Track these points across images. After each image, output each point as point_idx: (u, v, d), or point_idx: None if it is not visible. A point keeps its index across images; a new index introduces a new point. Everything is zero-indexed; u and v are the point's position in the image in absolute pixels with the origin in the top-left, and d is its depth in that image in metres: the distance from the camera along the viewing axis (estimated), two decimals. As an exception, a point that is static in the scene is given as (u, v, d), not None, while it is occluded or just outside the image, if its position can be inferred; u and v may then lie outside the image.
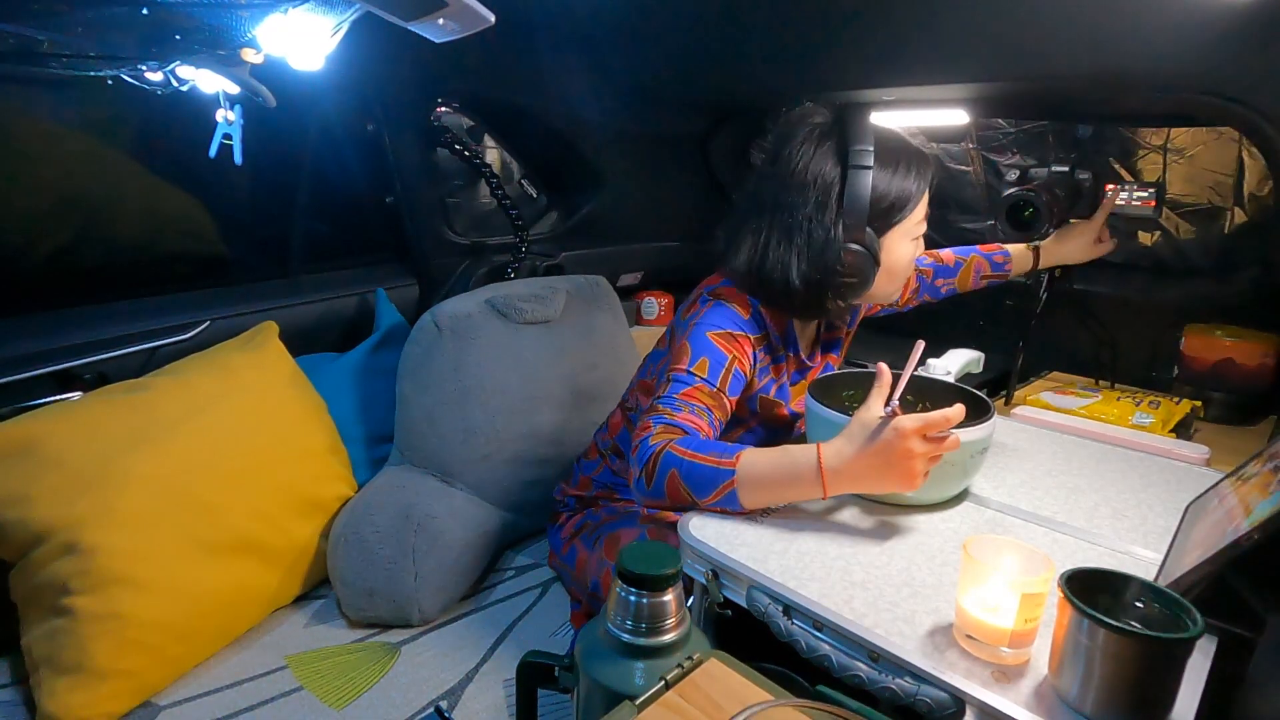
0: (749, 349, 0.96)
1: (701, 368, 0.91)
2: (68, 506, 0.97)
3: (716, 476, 0.80)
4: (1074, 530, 0.81)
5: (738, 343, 0.94)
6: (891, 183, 0.93)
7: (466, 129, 1.91)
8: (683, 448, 0.81)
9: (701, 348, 0.92)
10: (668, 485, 0.82)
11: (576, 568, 1.12)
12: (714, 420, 0.90)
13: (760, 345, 0.98)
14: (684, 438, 0.83)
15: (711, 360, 0.91)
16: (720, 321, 0.95)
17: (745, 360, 0.95)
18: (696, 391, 0.89)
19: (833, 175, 0.93)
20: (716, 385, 0.91)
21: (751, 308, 0.98)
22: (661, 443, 0.83)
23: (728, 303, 0.97)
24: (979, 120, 1.68)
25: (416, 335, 1.40)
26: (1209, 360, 1.31)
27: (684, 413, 0.87)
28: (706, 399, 0.90)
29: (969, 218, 1.84)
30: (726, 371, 0.92)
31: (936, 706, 0.57)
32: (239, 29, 0.97)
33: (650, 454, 0.83)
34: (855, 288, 0.95)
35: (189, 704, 0.99)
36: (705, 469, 0.80)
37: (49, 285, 1.31)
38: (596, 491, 1.17)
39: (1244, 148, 1.38)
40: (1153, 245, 1.58)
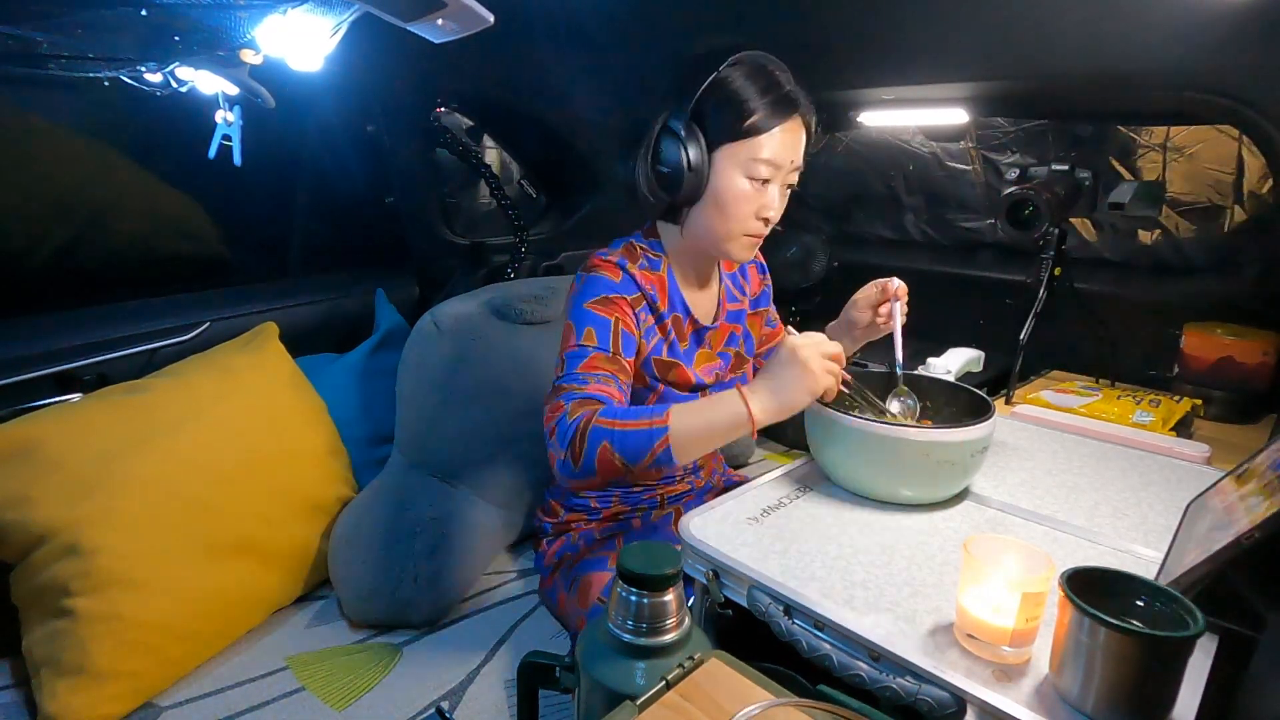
0: (628, 309, 0.96)
1: (589, 337, 0.91)
2: (68, 508, 0.97)
3: (650, 437, 0.80)
4: (1074, 529, 0.81)
5: (615, 304, 0.95)
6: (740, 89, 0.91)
7: (466, 129, 1.91)
8: (608, 418, 0.82)
9: (584, 319, 0.93)
10: (599, 460, 0.81)
11: (559, 605, 1.12)
12: (621, 384, 0.91)
13: (639, 305, 0.98)
14: (604, 408, 0.83)
15: (596, 328, 0.92)
16: (592, 291, 0.95)
17: (628, 319, 0.95)
18: (593, 360, 0.90)
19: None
20: (610, 349, 0.92)
21: (621, 270, 0.98)
22: (583, 415, 0.82)
23: (596, 271, 0.97)
24: (978, 119, 1.68)
25: (416, 336, 1.40)
26: (1209, 358, 1.31)
27: (591, 384, 0.88)
28: (606, 364, 0.90)
29: (968, 216, 1.84)
30: (614, 334, 0.93)
31: (937, 706, 0.57)
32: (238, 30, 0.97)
33: (573, 431, 0.82)
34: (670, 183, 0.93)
35: (190, 705, 0.99)
36: (637, 434, 0.80)
37: (49, 286, 1.31)
38: (568, 515, 1.16)
39: (1244, 146, 1.38)
40: (1153, 244, 1.58)
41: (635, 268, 0.99)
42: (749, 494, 0.89)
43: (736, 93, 0.90)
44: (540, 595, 1.21)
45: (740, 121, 0.90)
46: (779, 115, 0.91)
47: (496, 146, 2.02)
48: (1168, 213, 1.52)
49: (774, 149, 0.92)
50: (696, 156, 0.91)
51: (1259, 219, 1.43)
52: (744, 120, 0.90)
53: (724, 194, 0.93)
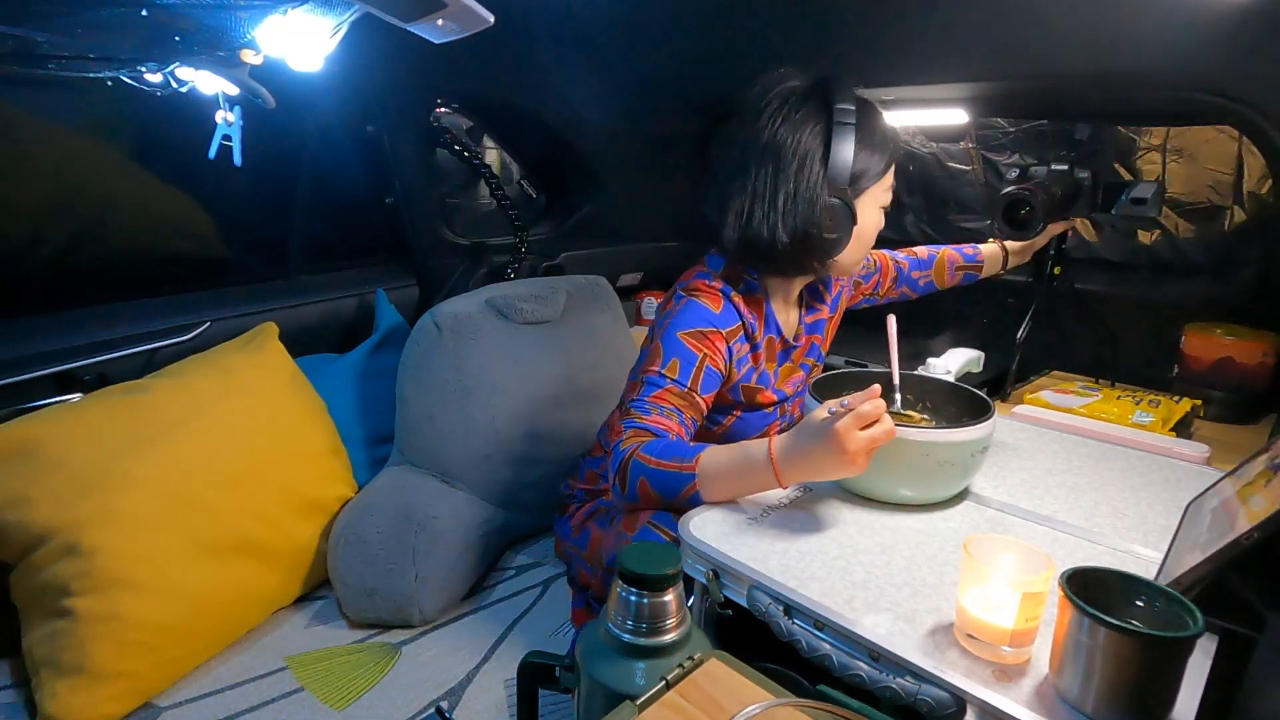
0: (721, 345, 0.97)
1: (672, 369, 0.93)
2: (68, 508, 0.97)
3: (679, 481, 0.84)
4: (1074, 529, 0.81)
5: (709, 340, 0.96)
6: (865, 147, 0.95)
7: (466, 129, 1.91)
8: (647, 455, 0.85)
9: (672, 349, 0.94)
10: (640, 492, 0.86)
11: (590, 548, 1.10)
12: (684, 420, 0.92)
13: (735, 337, 0.99)
14: (650, 442, 0.86)
15: (682, 361, 0.93)
16: (691, 320, 0.96)
17: (718, 357, 0.96)
18: (666, 393, 0.92)
19: (817, 134, 0.94)
20: (687, 386, 0.93)
21: (724, 300, 0.99)
22: (630, 449, 0.86)
23: (700, 298, 0.98)
24: (978, 119, 1.68)
25: (417, 336, 1.40)
26: (1209, 359, 1.31)
27: (654, 415, 0.90)
28: (677, 400, 0.92)
29: (968, 217, 1.84)
30: (698, 370, 0.94)
31: (937, 706, 0.57)
32: (238, 30, 0.97)
33: (620, 461, 0.87)
34: (834, 244, 0.96)
35: (190, 705, 0.99)
36: (668, 475, 0.84)
37: (49, 287, 1.31)
38: (604, 485, 1.17)
39: (1244, 146, 1.38)
40: (1152, 244, 1.58)
41: (737, 295, 1.01)
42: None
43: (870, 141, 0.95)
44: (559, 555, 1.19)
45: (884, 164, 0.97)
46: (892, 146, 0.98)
47: (496, 146, 2.02)
48: (1167, 213, 1.52)
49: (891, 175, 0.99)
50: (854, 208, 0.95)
51: (1259, 219, 1.43)
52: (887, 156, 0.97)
53: (865, 230, 0.99)
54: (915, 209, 1.93)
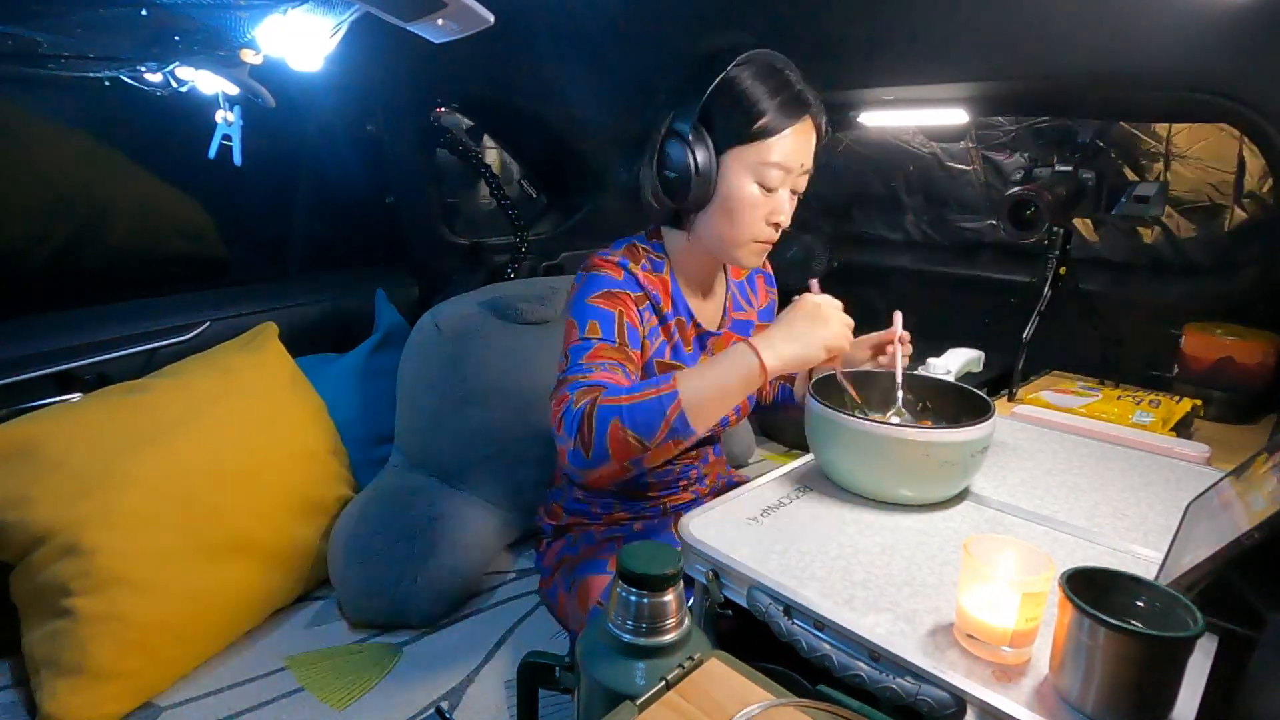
0: (632, 304, 0.93)
1: (593, 330, 0.89)
2: (68, 508, 0.97)
3: (660, 404, 0.77)
4: (1074, 529, 0.81)
5: (618, 298, 0.92)
6: (748, 90, 0.87)
7: (465, 129, 1.91)
8: (613, 395, 0.79)
9: (586, 313, 0.90)
10: (611, 440, 0.77)
11: (559, 607, 1.11)
12: (628, 372, 0.88)
13: (642, 304, 0.96)
14: (608, 389, 0.81)
15: (600, 320, 0.90)
16: (594, 287, 0.93)
17: (632, 313, 0.93)
18: (598, 350, 0.87)
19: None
20: (615, 340, 0.89)
21: (624, 270, 0.95)
22: (588, 402, 0.79)
23: (598, 270, 0.95)
24: (979, 119, 1.68)
25: (417, 336, 1.40)
26: (1209, 359, 1.31)
27: (597, 373, 0.85)
28: (612, 353, 0.87)
29: (969, 217, 1.84)
30: (619, 326, 0.90)
31: (937, 706, 0.57)
32: (238, 30, 0.97)
33: (579, 417, 0.78)
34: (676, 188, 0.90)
35: (190, 705, 0.99)
36: (645, 404, 0.77)
37: (49, 286, 1.31)
38: (569, 519, 1.15)
39: (1244, 145, 1.38)
40: (1153, 243, 1.58)
41: (637, 268, 0.97)
42: (749, 494, 0.89)
43: (745, 93, 0.87)
44: (540, 595, 1.21)
45: (750, 123, 0.87)
46: (790, 116, 0.88)
47: (496, 146, 2.02)
48: (1169, 212, 1.52)
49: (784, 152, 0.89)
50: (704, 160, 0.88)
51: (1259, 219, 1.43)
52: (754, 122, 0.87)
53: (733, 199, 0.90)
54: (916, 209, 1.93)
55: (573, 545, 1.12)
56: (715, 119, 0.89)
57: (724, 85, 0.88)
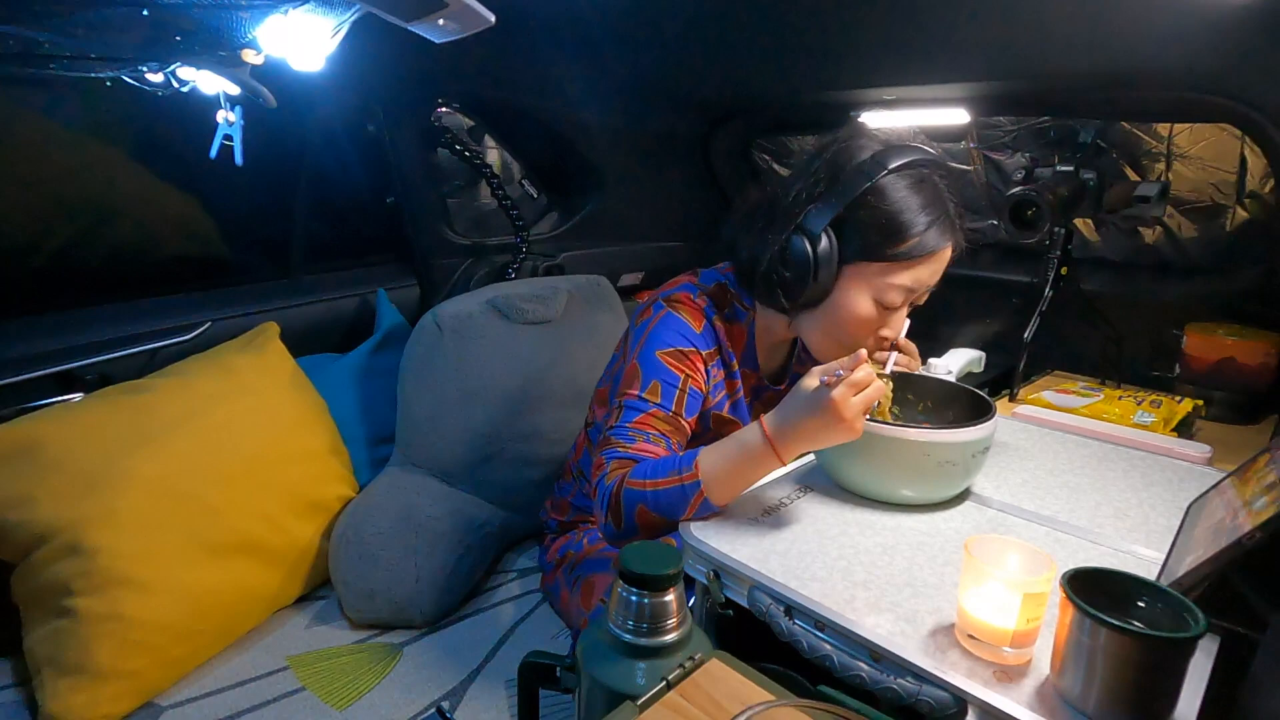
0: (701, 365, 0.91)
1: (654, 392, 0.87)
2: (70, 508, 0.97)
3: (684, 493, 0.78)
4: (1076, 530, 0.81)
5: (689, 360, 0.90)
6: (899, 206, 0.81)
7: (466, 129, 1.91)
8: (637, 479, 0.79)
9: (652, 370, 0.88)
10: (639, 521, 0.79)
11: (561, 602, 1.12)
12: (671, 445, 0.87)
13: (713, 360, 0.94)
14: (634, 468, 0.81)
15: (664, 383, 0.87)
16: (670, 338, 0.89)
17: (699, 377, 0.90)
18: (650, 418, 0.86)
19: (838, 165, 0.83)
20: (671, 409, 0.87)
21: (705, 319, 0.92)
22: (616, 480, 0.81)
23: (679, 312, 0.91)
24: (979, 119, 1.68)
25: (418, 336, 1.40)
26: (1211, 359, 1.30)
27: (638, 443, 0.84)
28: (661, 425, 0.86)
29: (969, 217, 1.84)
30: (681, 392, 0.88)
31: (938, 706, 0.57)
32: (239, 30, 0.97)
33: (609, 495, 0.80)
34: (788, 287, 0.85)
35: (191, 705, 0.99)
36: (670, 491, 0.78)
37: (50, 286, 1.31)
38: (575, 515, 1.16)
39: (1245, 145, 1.38)
40: (1154, 243, 1.57)
41: (720, 318, 0.93)
42: (749, 494, 0.89)
43: (896, 211, 0.80)
44: (542, 590, 1.21)
45: (890, 244, 0.81)
46: (937, 241, 0.81)
47: (497, 146, 2.02)
48: (1170, 212, 1.51)
49: (918, 277, 0.82)
50: (826, 273, 0.82)
51: (1261, 219, 1.42)
52: (896, 244, 0.80)
53: (846, 313, 0.85)
54: (916, 209, 1.93)
55: (576, 542, 1.12)
56: (853, 225, 0.82)
57: (874, 190, 0.80)
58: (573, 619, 1.07)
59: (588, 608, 1.01)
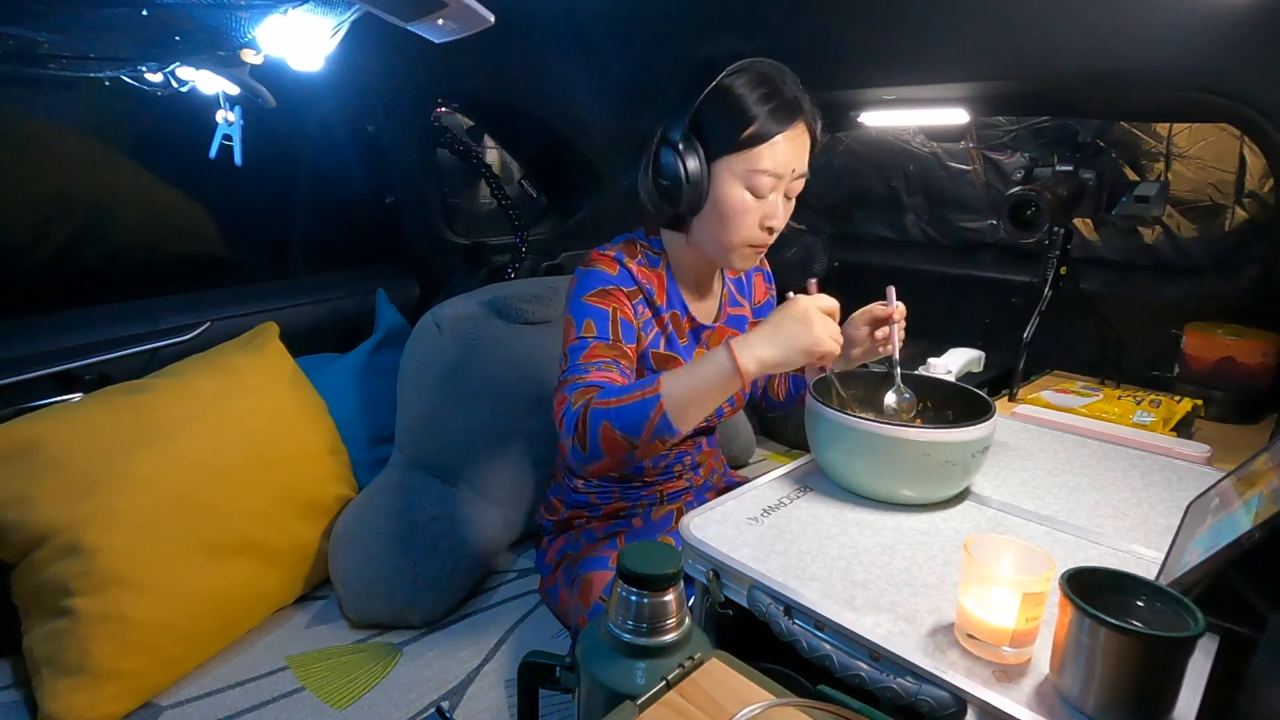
0: (625, 300, 0.96)
1: (589, 329, 0.92)
2: (69, 508, 0.97)
3: (644, 407, 0.80)
4: (1075, 529, 0.81)
5: (612, 296, 0.95)
6: (739, 98, 0.88)
7: (466, 129, 1.91)
8: (603, 399, 0.82)
9: (581, 312, 0.94)
10: (603, 441, 0.81)
11: (560, 603, 1.12)
12: (623, 369, 0.91)
13: (635, 298, 0.98)
14: (602, 391, 0.84)
15: (595, 319, 0.93)
16: (589, 284, 0.96)
17: (625, 308, 0.95)
18: (594, 349, 0.91)
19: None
20: (610, 337, 0.92)
21: (618, 264, 0.98)
22: (582, 404, 0.83)
23: (593, 265, 0.98)
24: (979, 119, 1.68)
25: (417, 336, 1.40)
26: (1210, 359, 1.31)
27: (593, 372, 0.88)
28: (607, 351, 0.91)
29: (969, 217, 1.84)
30: (613, 323, 0.93)
31: (938, 706, 0.57)
32: (239, 30, 0.97)
33: (576, 418, 0.83)
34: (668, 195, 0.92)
35: (190, 705, 0.99)
36: (631, 407, 0.80)
37: (50, 286, 1.31)
38: (569, 513, 1.16)
39: (1245, 145, 1.38)
40: (1154, 243, 1.57)
41: (633, 263, 0.99)
42: (749, 494, 0.89)
43: (736, 102, 0.88)
44: (541, 593, 1.21)
45: (739, 132, 0.88)
46: (779, 123, 0.88)
47: (497, 146, 2.02)
48: (1169, 212, 1.52)
49: (775, 159, 0.89)
50: (695, 169, 0.89)
51: (1260, 219, 1.42)
52: (743, 131, 0.88)
53: (725, 206, 0.91)
54: (916, 209, 1.93)
55: (574, 542, 1.13)
56: (706, 127, 0.90)
57: (715, 93, 0.88)
58: (572, 618, 1.08)
59: (586, 605, 1.01)
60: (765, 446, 1.91)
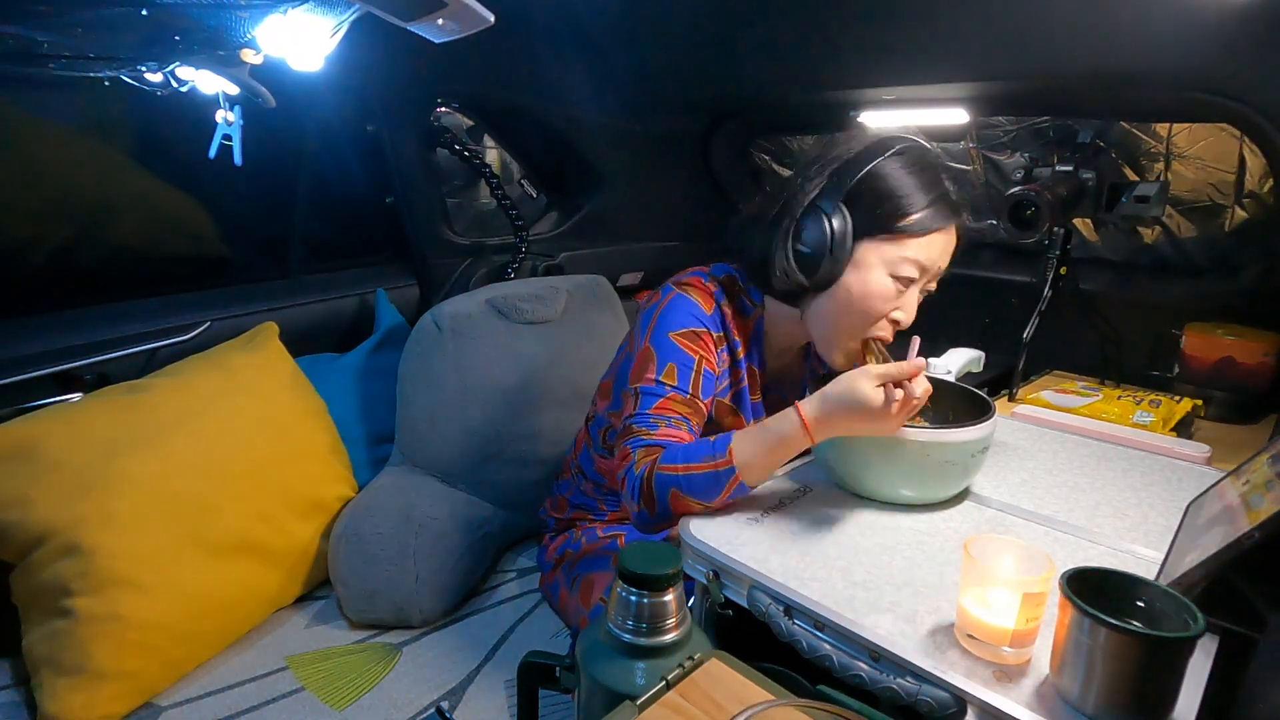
0: (713, 346, 0.92)
1: (670, 375, 0.87)
2: (68, 508, 0.97)
3: (719, 478, 0.79)
4: (1075, 529, 0.81)
5: (702, 341, 0.91)
6: (902, 183, 0.85)
7: (466, 129, 1.91)
8: (669, 464, 0.80)
9: (667, 353, 0.88)
10: (674, 505, 0.80)
11: (560, 602, 1.12)
12: (692, 427, 0.88)
13: (721, 345, 0.95)
14: (664, 453, 0.82)
15: (679, 365, 0.88)
16: (682, 319, 0.90)
17: (712, 358, 0.91)
18: (669, 402, 0.86)
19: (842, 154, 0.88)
20: (689, 392, 0.88)
21: (715, 302, 0.93)
22: (646, 467, 0.81)
23: (689, 294, 0.92)
24: (979, 119, 1.68)
25: (417, 335, 1.40)
26: (1210, 359, 1.31)
27: (661, 429, 0.85)
28: (681, 408, 0.87)
29: (969, 217, 1.84)
30: (696, 374, 0.89)
31: (938, 706, 0.57)
32: (238, 30, 0.97)
33: (640, 482, 0.81)
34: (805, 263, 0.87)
35: (190, 705, 0.99)
36: (704, 476, 0.79)
37: (49, 286, 1.31)
38: (573, 513, 1.16)
39: (1244, 145, 1.38)
40: (1153, 243, 1.57)
41: (729, 306, 0.95)
42: (749, 494, 0.89)
43: (898, 186, 0.84)
44: (541, 589, 1.21)
45: (899, 216, 0.84)
46: (940, 219, 0.85)
47: (497, 146, 2.02)
48: (1169, 212, 1.52)
49: (928, 253, 0.85)
50: (841, 247, 0.85)
51: (1260, 219, 1.42)
52: (904, 216, 0.84)
53: (860, 289, 0.86)
54: (916, 209, 1.92)
55: (575, 541, 1.13)
56: (861, 204, 0.85)
57: (876, 171, 0.85)
58: (571, 618, 1.08)
59: (587, 606, 1.01)
60: (765, 446, 1.91)
